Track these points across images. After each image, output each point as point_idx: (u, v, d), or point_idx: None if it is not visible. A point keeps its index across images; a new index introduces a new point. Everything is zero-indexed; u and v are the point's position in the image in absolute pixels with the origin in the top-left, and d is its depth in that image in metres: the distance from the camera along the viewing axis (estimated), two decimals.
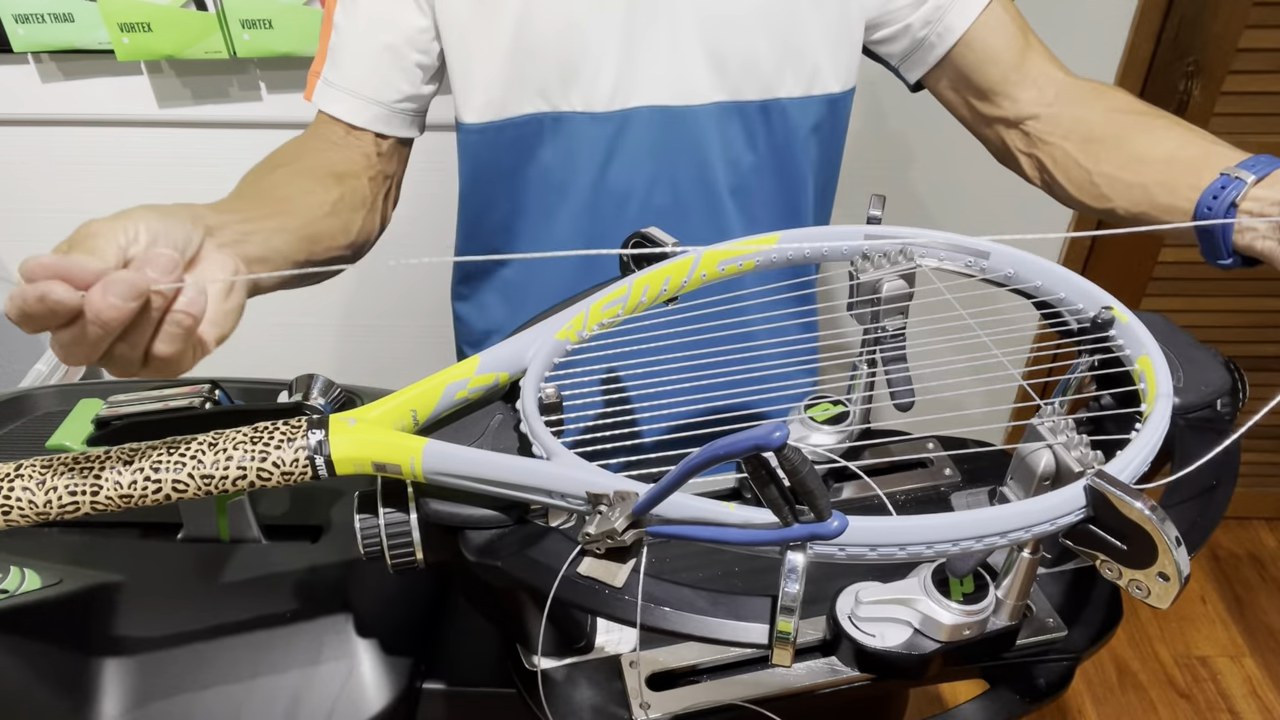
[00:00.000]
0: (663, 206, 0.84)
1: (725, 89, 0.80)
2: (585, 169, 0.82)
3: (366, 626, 0.64)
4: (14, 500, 0.47)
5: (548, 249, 0.86)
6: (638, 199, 0.84)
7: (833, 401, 0.67)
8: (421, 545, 0.52)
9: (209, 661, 0.62)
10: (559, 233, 0.86)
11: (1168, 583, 0.43)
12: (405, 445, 0.49)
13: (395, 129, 0.83)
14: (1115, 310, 0.57)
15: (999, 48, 0.82)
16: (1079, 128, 0.79)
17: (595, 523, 0.45)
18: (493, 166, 0.84)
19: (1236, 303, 1.73)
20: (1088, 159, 0.77)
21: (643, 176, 0.83)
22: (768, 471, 0.41)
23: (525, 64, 0.78)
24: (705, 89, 0.79)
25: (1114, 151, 0.76)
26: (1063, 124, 0.80)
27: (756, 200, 0.86)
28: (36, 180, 1.60)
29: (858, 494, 0.71)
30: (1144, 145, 0.74)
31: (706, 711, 0.58)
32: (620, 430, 0.56)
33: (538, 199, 0.85)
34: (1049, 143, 0.80)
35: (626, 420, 0.68)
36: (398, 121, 0.83)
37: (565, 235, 0.86)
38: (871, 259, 0.64)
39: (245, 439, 0.49)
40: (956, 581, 0.50)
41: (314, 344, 1.83)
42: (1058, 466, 0.49)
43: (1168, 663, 1.76)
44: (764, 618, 0.46)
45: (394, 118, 0.82)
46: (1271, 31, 1.43)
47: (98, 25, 1.39)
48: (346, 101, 0.81)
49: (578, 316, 0.60)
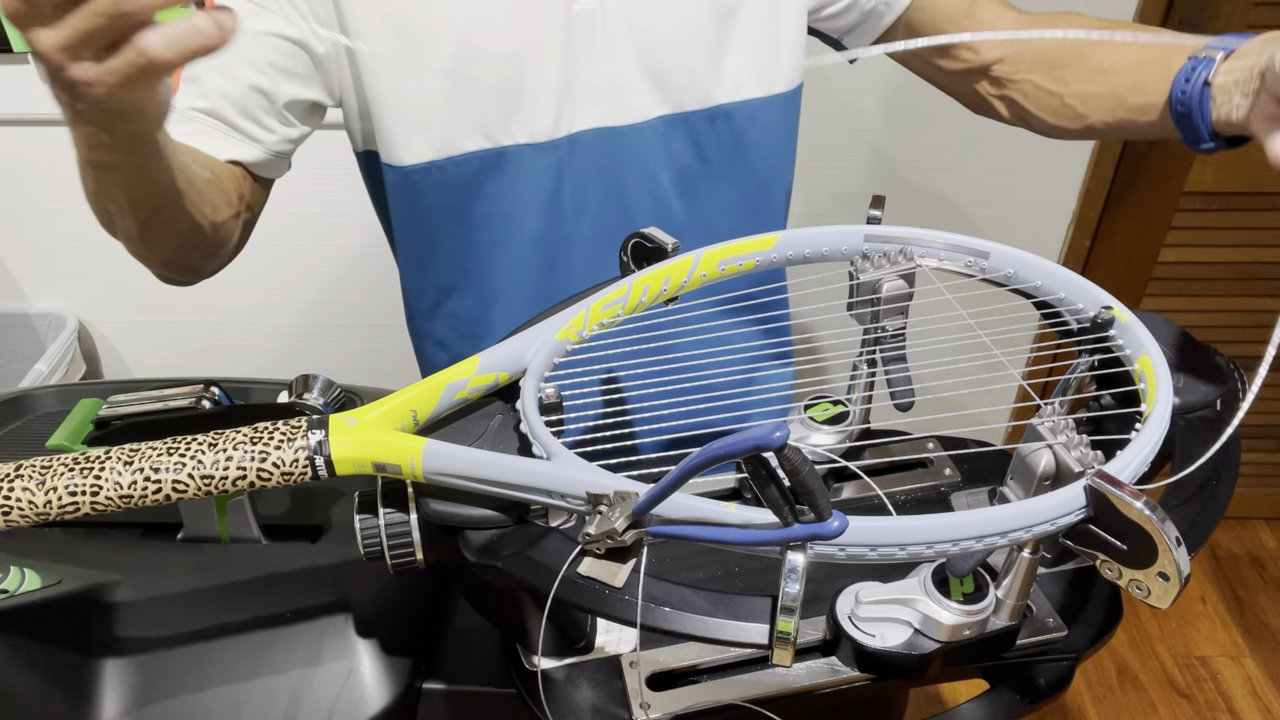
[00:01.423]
0: (614, 222, 0.83)
1: (667, 102, 0.79)
2: (534, 198, 0.81)
3: (366, 627, 0.64)
4: (14, 500, 0.47)
5: (502, 280, 0.85)
6: (589, 218, 0.83)
7: (833, 401, 0.67)
8: (421, 545, 0.52)
9: (209, 661, 0.62)
10: (512, 262, 0.84)
11: (1168, 583, 0.43)
12: (405, 445, 0.49)
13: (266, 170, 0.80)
14: (1115, 310, 0.57)
15: (948, 2, 0.82)
16: (1042, 58, 0.79)
17: (595, 523, 0.45)
18: (435, 206, 0.81)
19: (1236, 303, 1.73)
20: (1057, 84, 0.78)
21: (593, 197, 0.82)
22: (768, 471, 0.41)
23: (463, 101, 0.75)
24: (647, 105, 0.79)
25: (1080, 70, 0.76)
26: (1026, 59, 0.80)
27: (710, 206, 0.86)
28: (36, 180, 1.60)
29: (858, 494, 0.71)
30: (1108, 56, 0.75)
31: (706, 711, 0.58)
32: (620, 430, 0.56)
33: (488, 233, 0.83)
34: (1016, 80, 0.80)
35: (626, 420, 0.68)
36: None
37: (520, 264, 0.84)
38: (871, 259, 0.64)
39: (245, 439, 0.49)
40: (956, 581, 0.50)
41: (314, 344, 1.84)
42: (1058, 466, 0.49)
43: (1168, 663, 1.76)
44: (764, 618, 0.46)
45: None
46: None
47: None
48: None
49: (578, 316, 0.60)
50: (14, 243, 1.70)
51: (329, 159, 1.57)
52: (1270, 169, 0.62)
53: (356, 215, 1.65)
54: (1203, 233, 1.66)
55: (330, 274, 1.73)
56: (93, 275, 1.73)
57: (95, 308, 1.78)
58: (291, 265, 1.71)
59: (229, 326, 1.81)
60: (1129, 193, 1.62)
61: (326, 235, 1.67)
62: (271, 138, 0.76)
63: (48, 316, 1.76)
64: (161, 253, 0.70)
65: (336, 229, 1.66)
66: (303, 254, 1.70)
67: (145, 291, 1.75)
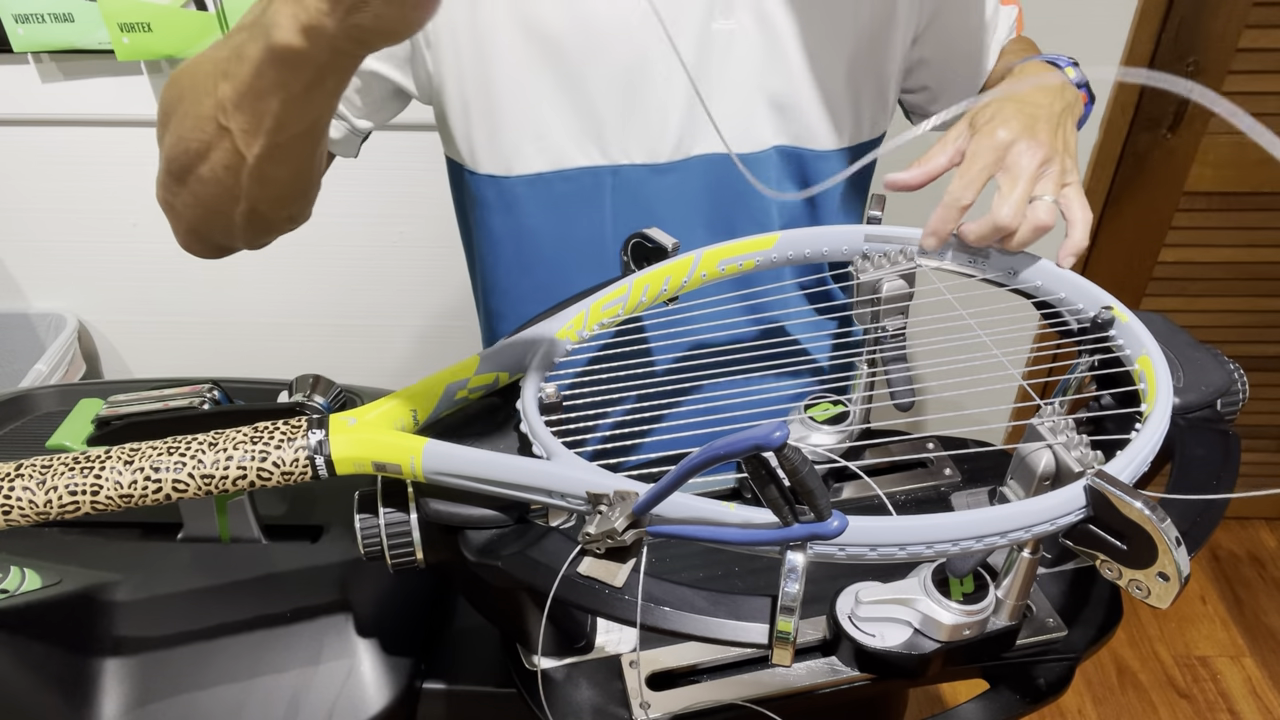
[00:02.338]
0: None
1: (786, 134, 0.77)
2: (640, 221, 0.75)
3: (366, 627, 0.64)
4: (14, 500, 0.47)
5: None
6: (697, 243, 0.82)
7: (833, 401, 0.67)
8: (422, 545, 0.52)
9: (209, 661, 0.62)
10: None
11: (1168, 583, 0.43)
12: (405, 445, 0.49)
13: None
14: (1115, 310, 0.57)
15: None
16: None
17: (595, 523, 0.45)
18: (534, 223, 0.77)
19: (1236, 303, 1.73)
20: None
21: (700, 222, 0.79)
22: (767, 471, 0.41)
23: (584, 113, 0.72)
24: (765, 134, 0.76)
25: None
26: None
27: None
28: (36, 180, 1.60)
29: (858, 494, 0.71)
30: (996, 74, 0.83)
31: (706, 711, 0.58)
32: (620, 430, 0.56)
33: (590, 254, 0.79)
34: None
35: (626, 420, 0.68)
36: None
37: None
38: (871, 259, 0.64)
39: (245, 439, 0.49)
40: (956, 581, 0.50)
41: (314, 344, 1.84)
42: (1058, 466, 0.49)
43: (1168, 663, 1.76)
44: (764, 617, 0.46)
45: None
46: (1271, 31, 1.43)
47: (98, 25, 1.39)
48: None
49: (578, 316, 0.60)
50: (14, 243, 1.70)
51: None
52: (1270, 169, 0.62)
53: (357, 215, 1.65)
54: (1203, 233, 1.66)
55: (331, 274, 1.73)
56: (93, 275, 1.73)
57: (95, 308, 1.78)
58: (292, 265, 1.71)
59: (229, 326, 1.81)
60: (1129, 193, 1.62)
61: (326, 235, 1.67)
62: (353, 114, 0.74)
63: (48, 316, 1.76)
64: (269, 190, 0.58)
65: (336, 229, 1.66)
66: (303, 254, 1.70)
67: (145, 291, 1.75)
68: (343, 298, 1.77)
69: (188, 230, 0.64)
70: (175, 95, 0.57)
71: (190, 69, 0.56)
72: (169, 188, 0.60)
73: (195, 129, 0.54)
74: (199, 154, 0.55)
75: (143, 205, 1.59)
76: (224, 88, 0.51)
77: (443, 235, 1.67)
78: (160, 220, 0.63)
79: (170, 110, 0.58)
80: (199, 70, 0.54)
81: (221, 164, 0.55)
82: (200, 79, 0.53)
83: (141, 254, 1.67)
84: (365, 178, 1.60)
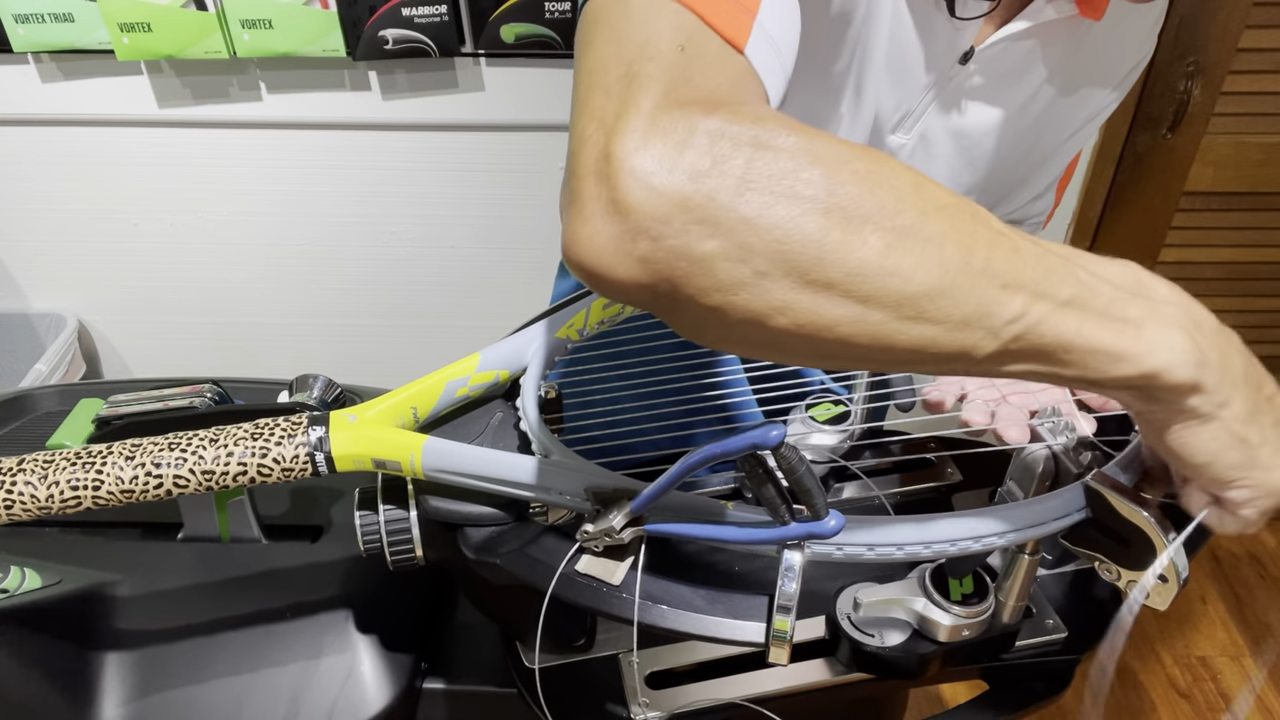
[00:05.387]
0: None
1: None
2: None
3: (366, 626, 0.64)
4: (16, 494, 0.47)
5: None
6: None
7: (833, 401, 0.67)
8: (421, 542, 0.52)
9: (209, 661, 0.62)
10: None
11: (1166, 584, 0.43)
12: (405, 442, 0.49)
13: None
14: None
15: None
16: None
17: (594, 520, 0.45)
18: None
19: (1237, 303, 1.73)
20: None
21: None
22: (765, 470, 0.41)
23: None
24: None
25: None
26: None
27: None
28: (36, 180, 1.60)
29: (858, 494, 0.71)
30: None
31: (706, 710, 0.58)
32: (620, 428, 0.56)
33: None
34: None
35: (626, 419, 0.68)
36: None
37: None
38: None
39: (246, 435, 0.49)
40: (956, 582, 0.50)
41: (314, 344, 1.84)
42: (1057, 467, 0.49)
43: (1168, 663, 1.76)
44: (761, 616, 0.46)
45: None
46: (1271, 31, 1.43)
47: (98, 25, 1.39)
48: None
49: (579, 315, 0.60)
50: (14, 243, 1.70)
51: (328, 159, 1.58)
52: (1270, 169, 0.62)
53: (357, 215, 1.65)
54: (1203, 233, 1.66)
55: (331, 274, 1.73)
56: (93, 275, 1.73)
57: (95, 308, 1.78)
58: (292, 265, 1.71)
59: (229, 326, 1.81)
60: (1129, 193, 1.62)
61: (327, 235, 1.67)
62: None
63: (48, 316, 1.76)
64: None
65: (337, 229, 1.66)
66: (303, 254, 1.70)
67: (145, 291, 1.75)
68: (343, 298, 1.77)
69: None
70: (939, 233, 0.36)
71: (966, 227, 0.37)
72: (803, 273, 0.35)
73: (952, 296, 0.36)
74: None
75: (143, 205, 1.59)
76: (1016, 304, 0.36)
77: (442, 235, 1.68)
78: (160, 220, 0.63)
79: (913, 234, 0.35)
80: (978, 238, 0.36)
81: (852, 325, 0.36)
82: (986, 262, 0.36)
83: (141, 254, 1.67)
84: (364, 178, 1.60)
